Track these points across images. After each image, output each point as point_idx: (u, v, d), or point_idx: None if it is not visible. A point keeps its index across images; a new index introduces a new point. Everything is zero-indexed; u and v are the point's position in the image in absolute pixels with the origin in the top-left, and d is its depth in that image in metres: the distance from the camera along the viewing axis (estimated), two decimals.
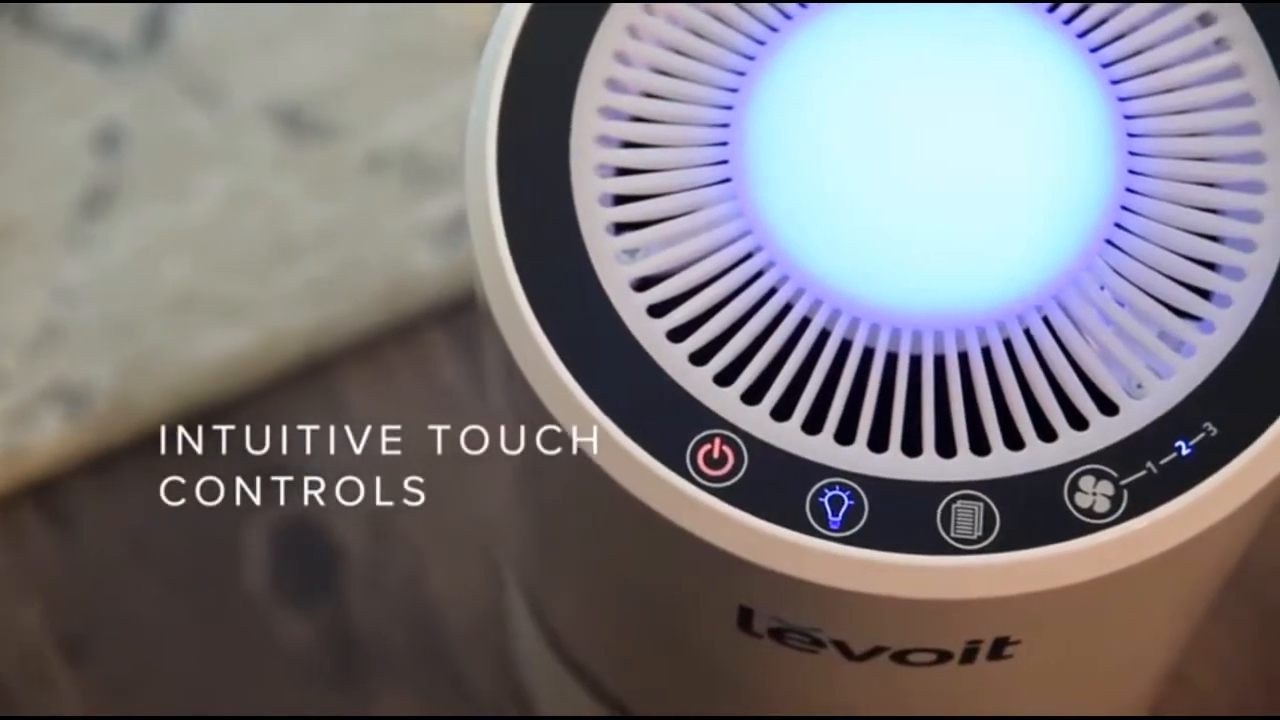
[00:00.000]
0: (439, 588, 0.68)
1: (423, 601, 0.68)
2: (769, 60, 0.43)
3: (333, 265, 0.72)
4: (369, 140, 0.73)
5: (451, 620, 0.68)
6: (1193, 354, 0.41)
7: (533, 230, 0.42)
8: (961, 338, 0.41)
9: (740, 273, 0.42)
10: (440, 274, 0.71)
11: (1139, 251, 0.42)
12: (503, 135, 0.42)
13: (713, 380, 0.41)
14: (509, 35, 0.43)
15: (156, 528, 0.69)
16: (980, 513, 0.40)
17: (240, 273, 0.72)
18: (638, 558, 0.44)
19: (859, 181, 0.42)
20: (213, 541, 0.69)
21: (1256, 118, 0.42)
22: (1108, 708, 0.53)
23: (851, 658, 0.43)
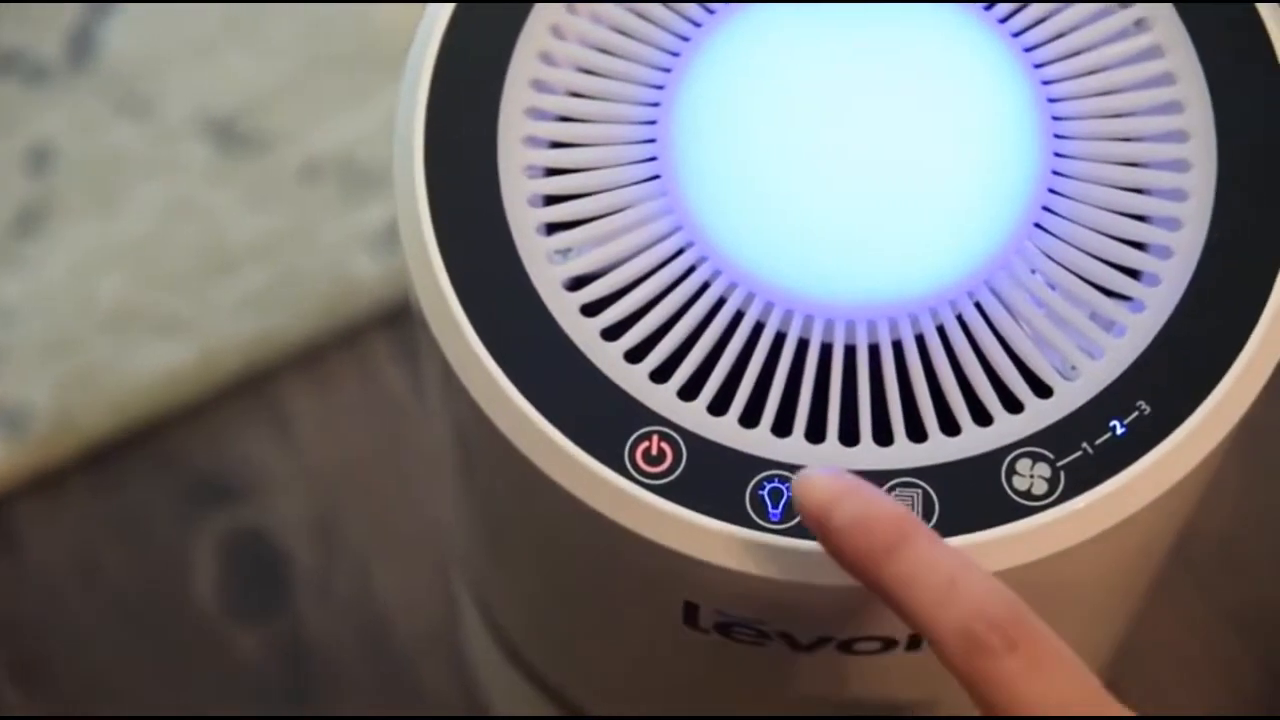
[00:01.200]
0: (389, 595, 0.68)
1: (373, 609, 0.68)
2: (694, 56, 0.43)
3: (271, 275, 0.71)
4: (304, 149, 0.73)
5: (403, 627, 0.68)
6: (1124, 334, 0.41)
7: (464, 235, 0.42)
8: (895, 326, 0.41)
9: (672, 269, 0.42)
10: (380, 280, 0.71)
11: (1068, 234, 0.42)
12: (430, 140, 0.42)
13: (648, 377, 0.41)
14: (432, 39, 0.43)
15: (103, 546, 0.69)
16: (919, 500, 0.40)
17: (177, 286, 0.71)
18: (581, 557, 0.44)
19: (788, 175, 0.42)
20: (160, 557, 0.69)
21: (1179, 97, 0.43)
22: None
23: (798, 649, 0.43)
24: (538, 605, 0.50)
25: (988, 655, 0.36)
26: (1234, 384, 0.40)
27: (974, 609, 0.36)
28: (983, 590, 0.37)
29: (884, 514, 0.37)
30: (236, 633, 0.68)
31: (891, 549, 0.37)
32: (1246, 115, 0.42)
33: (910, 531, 0.37)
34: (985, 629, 0.36)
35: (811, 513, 0.38)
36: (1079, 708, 0.36)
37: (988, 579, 0.37)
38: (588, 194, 0.43)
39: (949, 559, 0.37)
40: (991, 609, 0.36)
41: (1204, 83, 0.42)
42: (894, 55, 0.43)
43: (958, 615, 0.36)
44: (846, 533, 0.37)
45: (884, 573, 0.37)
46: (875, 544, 0.37)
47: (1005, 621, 0.36)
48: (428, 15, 0.43)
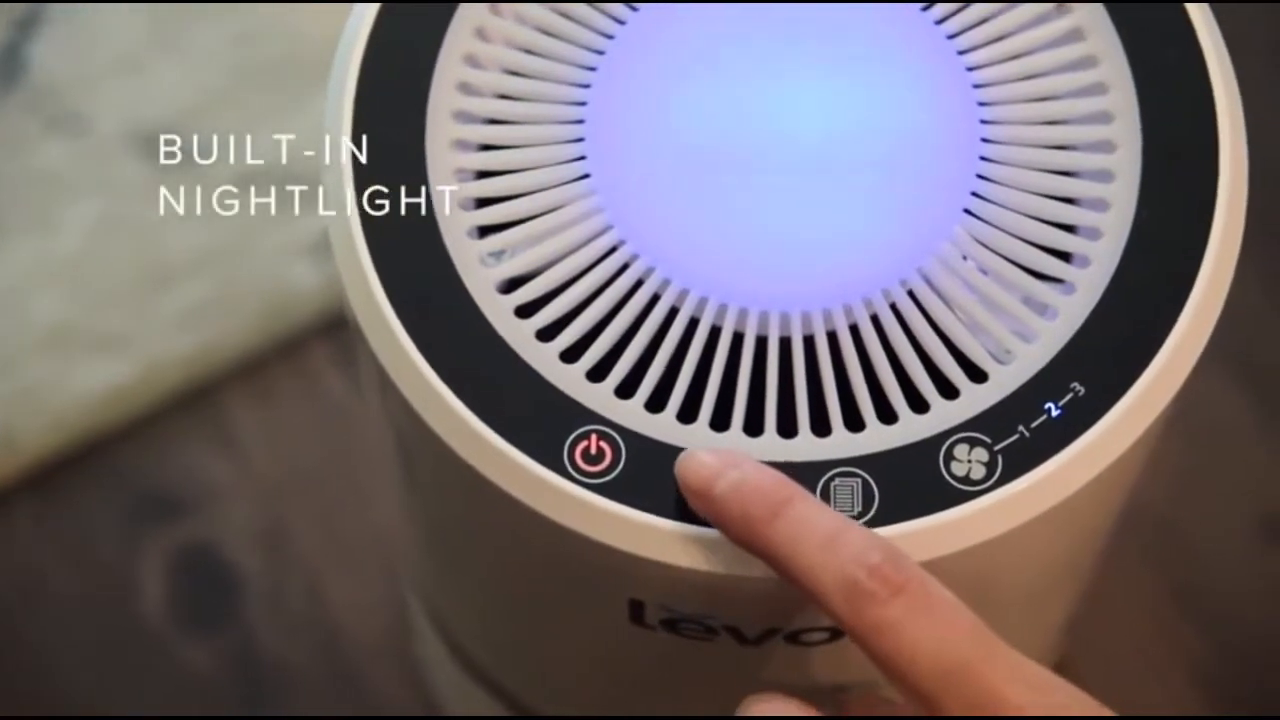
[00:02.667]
0: (340, 603, 0.68)
1: (324, 618, 0.68)
2: (620, 54, 0.43)
3: (209, 288, 0.71)
4: (238, 160, 0.73)
5: (355, 634, 0.68)
6: (1056, 316, 0.41)
7: (395, 240, 0.42)
8: (829, 317, 0.41)
9: (605, 267, 0.42)
10: (320, 288, 0.71)
11: (998, 219, 0.42)
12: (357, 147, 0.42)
13: (585, 377, 0.41)
14: (356, 46, 0.43)
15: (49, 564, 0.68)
16: (859, 489, 0.40)
17: (115, 303, 0.71)
18: (525, 559, 0.44)
19: (718, 170, 0.42)
20: (108, 574, 0.68)
21: (1102, 78, 0.43)
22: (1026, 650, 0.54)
23: (746, 642, 0.43)
24: (485, 609, 0.50)
25: (871, 602, 0.37)
26: (1167, 361, 0.41)
27: (855, 559, 0.37)
28: (863, 541, 0.38)
29: (763, 480, 0.39)
30: (187, 647, 0.68)
31: (772, 512, 0.38)
32: (1168, 94, 0.42)
33: (790, 495, 0.38)
34: (866, 576, 0.37)
35: (695, 487, 0.39)
36: (963, 646, 0.37)
37: (867, 533, 0.38)
38: (518, 195, 0.42)
39: (829, 517, 0.38)
40: (872, 557, 0.37)
41: (1126, 63, 0.43)
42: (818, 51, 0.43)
43: (839, 565, 0.37)
44: (727, 501, 0.39)
45: (768, 535, 0.38)
46: (757, 509, 0.38)
47: (886, 568, 0.37)
48: (350, 23, 0.43)
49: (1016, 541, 0.41)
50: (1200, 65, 0.43)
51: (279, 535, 0.69)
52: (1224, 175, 0.42)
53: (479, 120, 0.43)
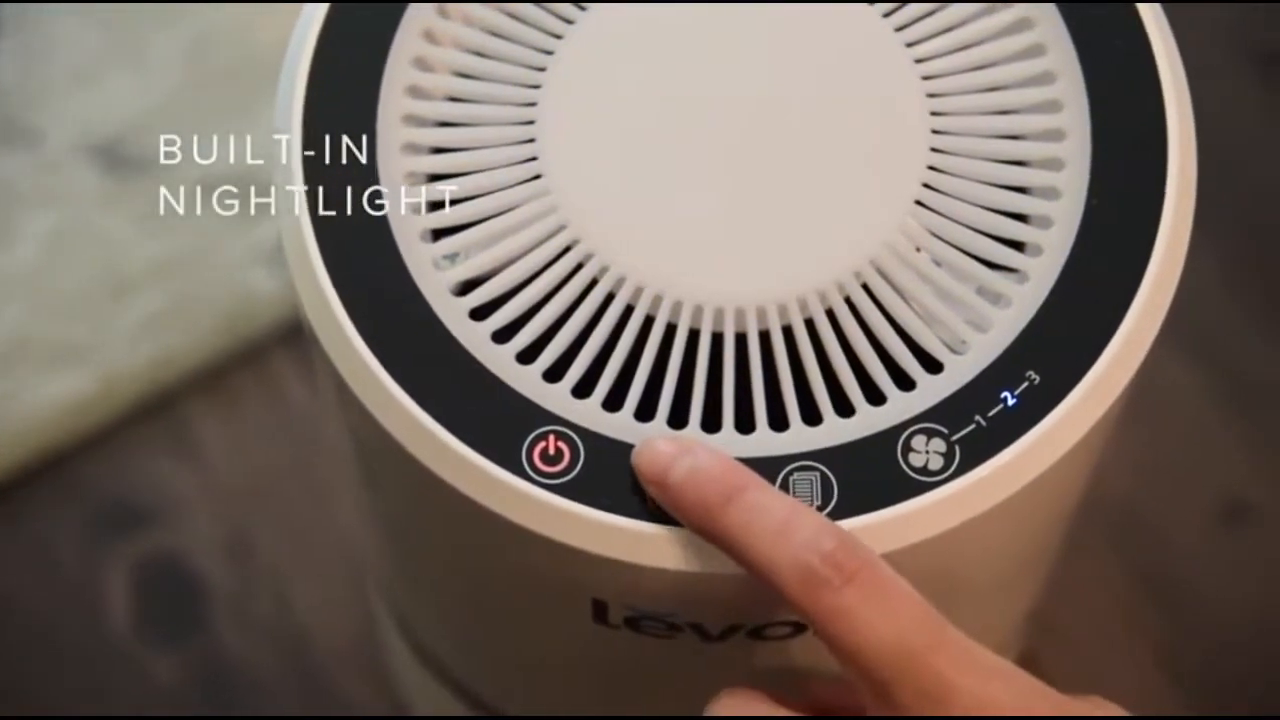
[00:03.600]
0: (307, 611, 0.68)
1: (291, 626, 0.68)
2: (569, 54, 0.43)
3: (169, 297, 0.71)
4: (195, 168, 0.72)
5: (322, 641, 0.68)
6: (1010, 305, 0.41)
7: (348, 246, 0.42)
8: (783, 311, 0.41)
9: (559, 268, 0.42)
10: (279, 295, 0.71)
11: (950, 210, 0.42)
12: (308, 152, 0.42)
13: (541, 377, 0.41)
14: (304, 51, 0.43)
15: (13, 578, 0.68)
16: (818, 482, 0.40)
17: (74, 314, 0.70)
18: (486, 560, 0.44)
19: (670, 168, 0.42)
20: (72, 587, 0.68)
21: (1050, 67, 0.43)
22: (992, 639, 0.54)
23: (709, 639, 0.43)
24: (449, 611, 0.50)
25: (826, 588, 0.37)
26: (1121, 347, 0.41)
27: (809, 545, 0.38)
28: (816, 527, 0.38)
29: (717, 468, 0.39)
30: (154, 658, 0.67)
31: (727, 498, 0.38)
32: (1116, 81, 0.42)
33: (743, 482, 0.39)
34: (821, 562, 0.37)
35: (650, 476, 0.39)
36: (914, 633, 0.37)
37: (820, 519, 0.38)
38: (471, 198, 0.42)
39: (782, 504, 0.38)
40: (826, 544, 0.38)
41: (1073, 51, 0.43)
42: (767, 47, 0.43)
43: (793, 552, 0.38)
44: (683, 488, 0.39)
45: (722, 522, 0.38)
46: (711, 496, 0.38)
47: (840, 554, 0.38)
48: (297, 30, 0.43)
49: (976, 531, 0.41)
50: (1147, 53, 0.43)
51: (244, 543, 0.69)
52: (1173, 161, 0.42)
53: (430, 123, 0.43)
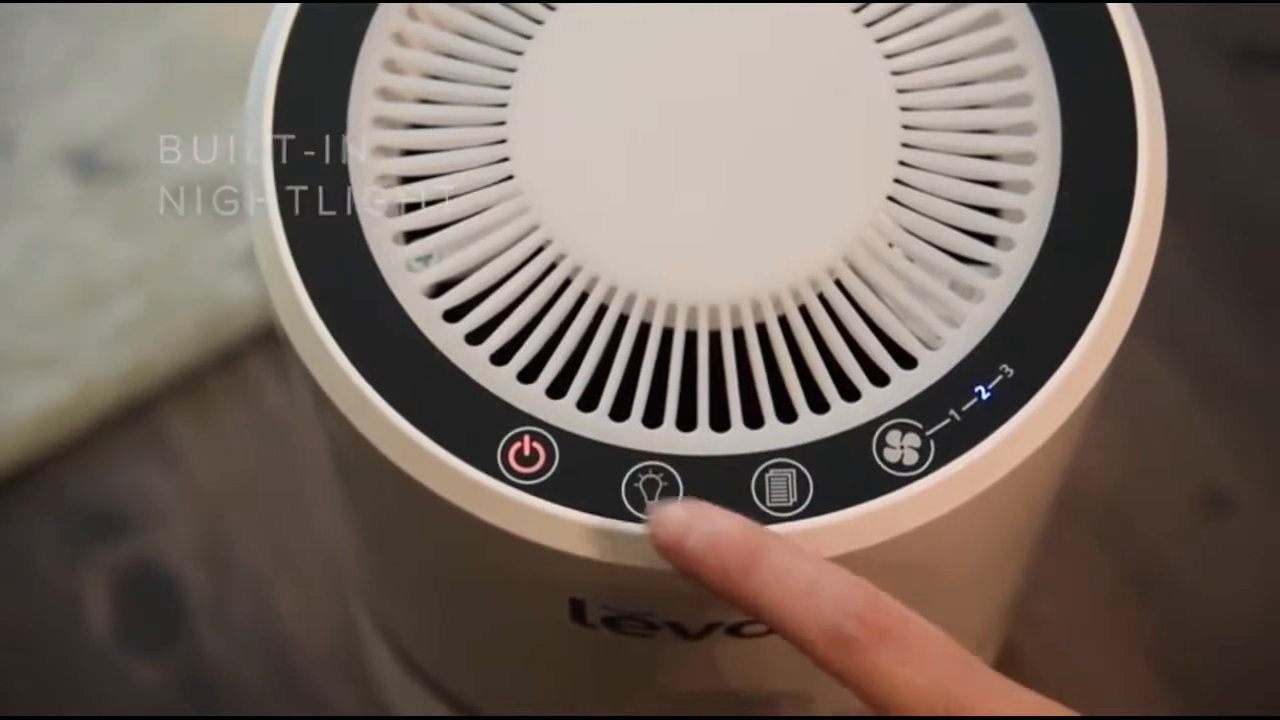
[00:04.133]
0: (287, 615, 0.68)
1: (272, 631, 0.67)
2: (539, 54, 0.43)
3: (144, 304, 0.71)
4: (168, 174, 0.72)
5: (304, 646, 0.67)
6: (983, 299, 0.41)
7: (320, 250, 0.42)
8: (757, 308, 0.41)
9: (532, 268, 0.42)
10: (254, 300, 0.70)
11: (922, 205, 0.42)
12: (278, 157, 0.42)
13: (516, 378, 0.41)
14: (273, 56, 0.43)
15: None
16: (793, 479, 0.40)
17: (49, 323, 0.70)
18: (463, 562, 0.44)
19: (642, 167, 0.42)
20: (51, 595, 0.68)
21: (1020, 61, 0.43)
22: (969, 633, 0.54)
23: (687, 637, 0.43)
24: (428, 613, 0.50)
25: (859, 649, 0.37)
26: (1093, 339, 0.41)
27: (836, 606, 0.37)
28: (842, 587, 0.37)
29: (733, 532, 0.38)
30: (135, 666, 0.67)
31: (747, 564, 0.38)
32: (1085, 75, 0.43)
33: (761, 544, 0.38)
34: (852, 624, 0.37)
35: (666, 546, 0.38)
36: (954, 685, 0.37)
37: (845, 575, 0.38)
38: (443, 199, 0.42)
39: (804, 564, 0.38)
40: (853, 603, 0.37)
41: (1042, 45, 0.43)
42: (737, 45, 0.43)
43: (821, 616, 0.37)
44: (700, 557, 0.38)
45: (745, 588, 0.38)
46: (730, 562, 0.38)
47: (869, 612, 0.37)
48: (267, 31, 0.43)
49: (952, 525, 0.41)
50: (1116, 47, 0.43)
51: (223, 548, 0.68)
52: (1143, 153, 0.42)
53: (401, 125, 0.43)
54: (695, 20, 0.44)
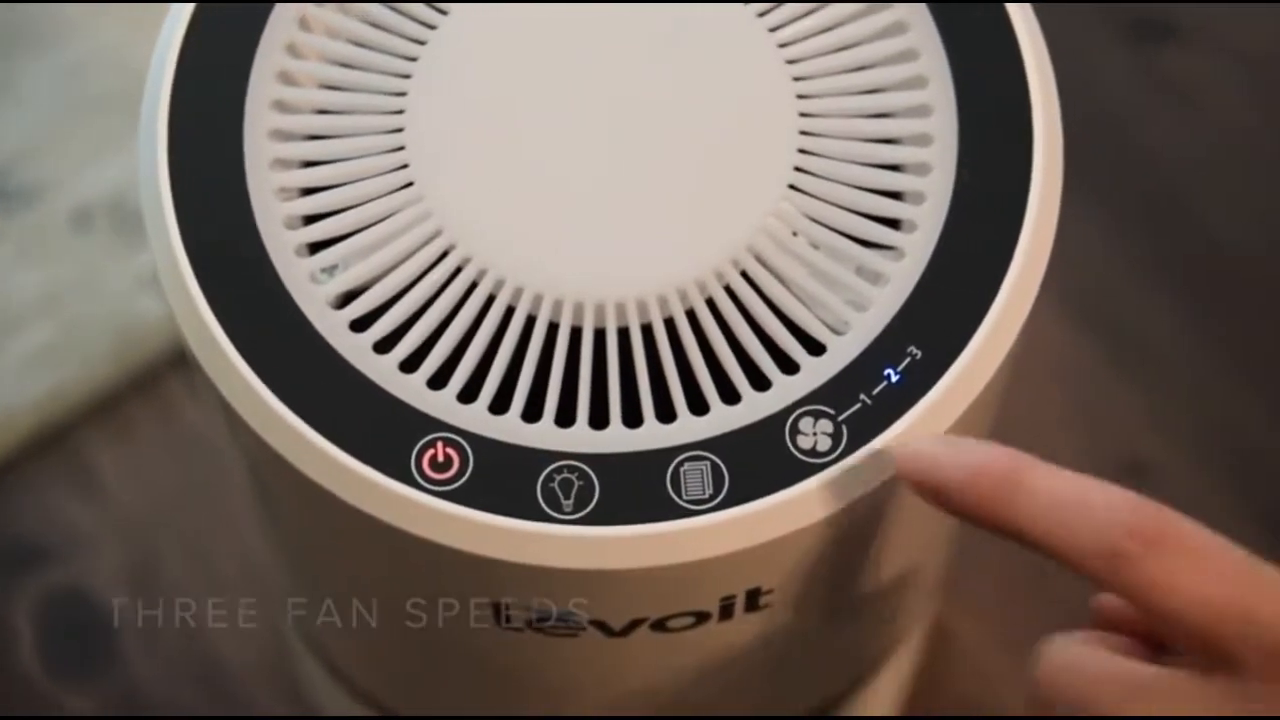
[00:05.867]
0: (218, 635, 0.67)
1: (203, 650, 0.67)
2: (434, 58, 0.43)
3: (57, 329, 0.70)
4: (73, 197, 0.72)
5: (235, 665, 0.67)
6: (888, 283, 0.42)
7: (223, 266, 0.41)
8: (664, 304, 0.41)
9: (438, 273, 0.42)
10: (168, 320, 0.70)
11: (823, 192, 0.42)
12: (175, 177, 0.42)
13: (426, 384, 0.41)
14: (165, 74, 0.42)
15: None
16: (708, 471, 0.40)
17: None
18: (383, 571, 0.44)
19: (542, 167, 0.42)
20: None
21: (913, 44, 0.43)
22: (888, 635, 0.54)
23: (612, 634, 0.43)
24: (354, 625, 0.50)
25: (1134, 562, 0.36)
26: (999, 316, 0.41)
27: (1108, 522, 0.37)
28: (1109, 500, 0.37)
29: (992, 462, 0.38)
30: (67, 696, 0.67)
31: (1011, 494, 0.38)
32: (978, 53, 0.43)
33: (1016, 465, 0.38)
34: (1124, 538, 0.36)
35: (924, 483, 0.39)
36: (1241, 589, 0.36)
37: (1109, 488, 0.37)
38: (344, 209, 0.42)
39: (1066, 483, 0.38)
40: (1123, 516, 0.37)
41: (934, 26, 0.43)
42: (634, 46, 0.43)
43: (1093, 533, 0.37)
44: (964, 490, 0.38)
45: (1013, 518, 0.38)
46: (995, 494, 0.38)
47: (1140, 525, 0.37)
48: (157, 50, 0.43)
49: (870, 508, 0.41)
50: (1007, 25, 0.43)
51: (150, 572, 0.68)
52: (1038, 129, 0.42)
53: (298, 137, 0.43)
54: (592, 21, 0.44)
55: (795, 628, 0.46)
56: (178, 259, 0.41)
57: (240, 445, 0.44)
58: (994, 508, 0.38)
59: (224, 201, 0.42)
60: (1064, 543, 0.37)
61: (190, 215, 0.41)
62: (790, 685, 0.50)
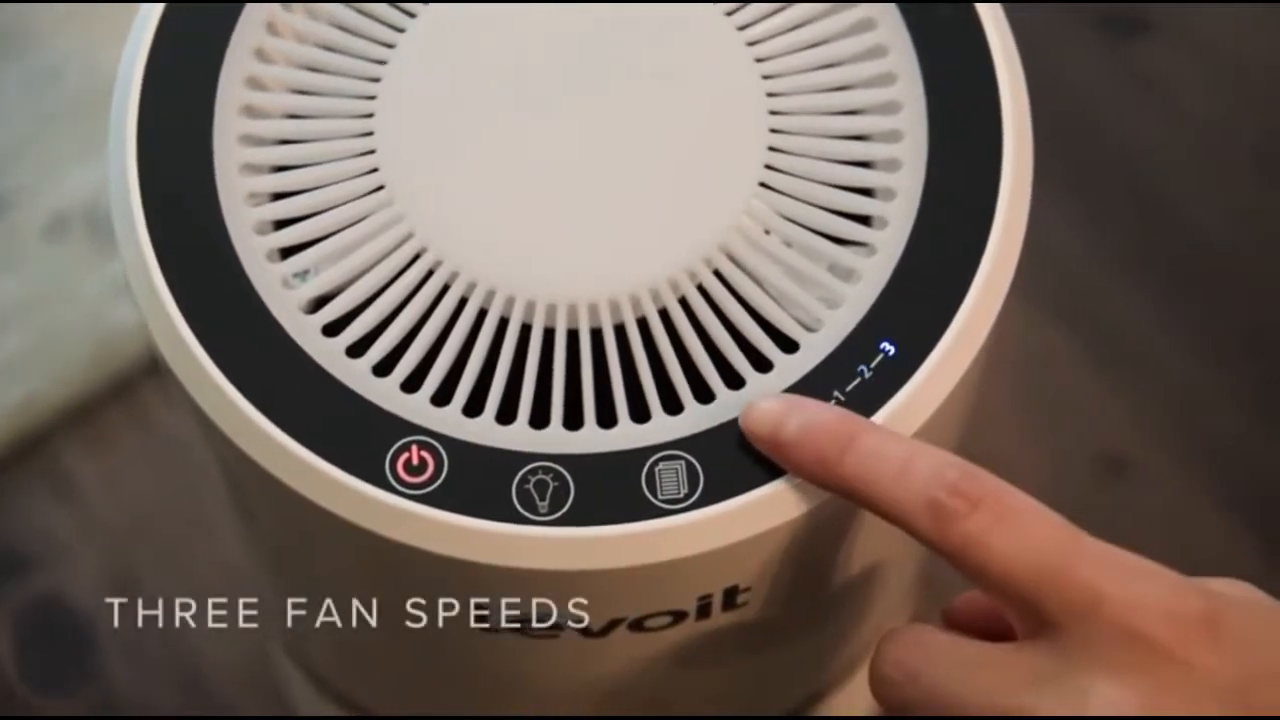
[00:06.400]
0: (197, 640, 0.67)
1: (183, 658, 0.67)
2: (403, 61, 0.43)
3: (32, 337, 0.70)
4: (47, 204, 0.71)
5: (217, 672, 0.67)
6: (860, 280, 0.42)
7: (194, 273, 0.41)
8: (637, 304, 0.41)
9: (410, 276, 0.42)
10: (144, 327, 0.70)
11: (795, 190, 0.42)
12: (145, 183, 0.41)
13: (400, 388, 0.41)
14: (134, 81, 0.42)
15: None
16: (683, 470, 0.40)
17: None
18: (363, 576, 0.44)
19: (514, 169, 0.42)
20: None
21: (882, 41, 0.43)
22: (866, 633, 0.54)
23: (591, 635, 0.43)
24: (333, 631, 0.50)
25: (955, 519, 0.37)
26: (971, 312, 0.41)
27: (932, 480, 0.38)
28: (936, 462, 0.38)
29: (828, 420, 0.39)
30: (49, 705, 0.66)
31: (843, 448, 0.39)
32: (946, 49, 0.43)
33: (856, 429, 0.39)
34: (946, 495, 0.38)
35: (762, 438, 0.40)
36: (1052, 545, 0.37)
37: (938, 452, 0.38)
38: (316, 213, 0.42)
39: (898, 444, 0.39)
40: (949, 475, 0.38)
41: (902, 23, 0.43)
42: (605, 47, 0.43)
43: (918, 490, 0.38)
44: (799, 445, 0.39)
45: (842, 472, 0.39)
46: (827, 448, 0.39)
47: (964, 484, 0.38)
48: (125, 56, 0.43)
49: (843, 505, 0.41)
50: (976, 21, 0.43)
51: (129, 580, 0.68)
52: (1008, 125, 0.42)
53: (269, 142, 0.43)
54: (561, 22, 0.43)
55: (773, 626, 0.46)
56: (149, 266, 0.41)
57: (215, 451, 0.43)
58: (826, 465, 0.39)
59: (194, 207, 0.41)
60: (890, 498, 0.38)
61: (161, 222, 0.41)
62: (769, 684, 0.50)
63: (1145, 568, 0.38)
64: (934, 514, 0.38)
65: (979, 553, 0.37)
